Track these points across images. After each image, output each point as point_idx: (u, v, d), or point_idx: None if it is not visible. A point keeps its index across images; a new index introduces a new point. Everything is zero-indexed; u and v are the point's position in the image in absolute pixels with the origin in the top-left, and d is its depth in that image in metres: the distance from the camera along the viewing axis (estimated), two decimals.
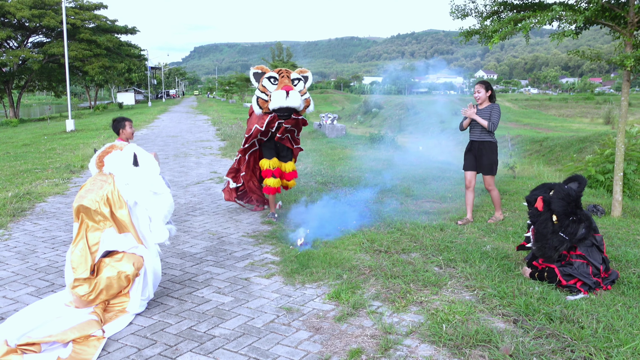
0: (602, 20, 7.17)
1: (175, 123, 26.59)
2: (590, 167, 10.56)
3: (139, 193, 4.08)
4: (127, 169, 4.11)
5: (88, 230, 3.99)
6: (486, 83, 6.61)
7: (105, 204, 3.98)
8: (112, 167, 4.15)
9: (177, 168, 11.16)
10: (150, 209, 4.11)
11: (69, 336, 3.50)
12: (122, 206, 4.02)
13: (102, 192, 4.02)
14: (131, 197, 4.07)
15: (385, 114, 46.33)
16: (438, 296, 4.20)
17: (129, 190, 4.07)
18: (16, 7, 39.12)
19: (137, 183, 4.09)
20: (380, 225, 6.31)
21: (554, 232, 4.45)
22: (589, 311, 3.88)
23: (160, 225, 4.13)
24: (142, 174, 4.12)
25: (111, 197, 4.02)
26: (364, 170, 10.56)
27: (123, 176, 4.09)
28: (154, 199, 4.13)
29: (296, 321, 3.81)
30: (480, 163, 6.54)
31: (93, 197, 4.00)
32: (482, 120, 6.36)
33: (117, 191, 4.04)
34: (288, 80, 6.32)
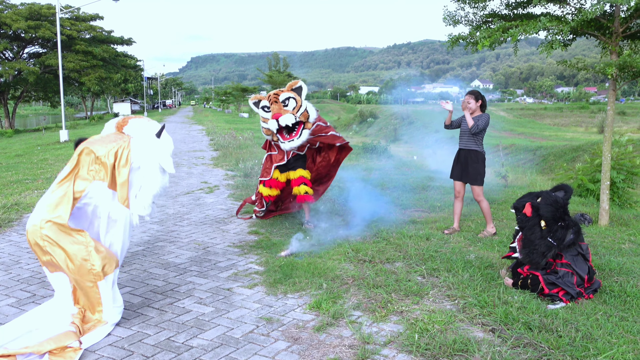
0: (588, 31, 7.24)
1: (169, 133, 26.19)
2: (581, 175, 10.61)
3: (148, 162, 4.08)
4: (149, 136, 4.13)
5: (77, 177, 3.91)
6: (476, 93, 6.61)
7: (112, 156, 3.95)
8: (135, 129, 4.15)
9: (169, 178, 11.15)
10: (147, 179, 4.10)
11: (45, 347, 3.48)
12: (126, 165, 3.98)
13: (113, 145, 4.00)
14: (137, 161, 4.04)
15: (381, 123, 46.49)
16: (419, 306, 4.20)
17: (140, 155, 4.06)
18: (12, 18, 39.30)
19: (152, 153, 4.10)
20: (366, 235, 6.31)
21: (542, 237, 4.46)
22: (569, 320, 3.89)
23: (147, 198, 4.11)
24: (159, 147, 4.15)
25: (120, 152, 3.98)
26: (353, 180, 10.56)
27: (142, 141, 4.09)
28: (157, 173, 4.13)
29: (275, 331, 3.80)
30: (467, 172, 6.52)
31: (103, 146, 3.97)
32: (469, 118, 6.31)
33: (129, 151, 4.01)
34: (278, 106, 6.51)
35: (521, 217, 4.67)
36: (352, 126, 49.06)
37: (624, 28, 6.89)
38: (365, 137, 35.69)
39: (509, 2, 7.72)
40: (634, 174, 10.04)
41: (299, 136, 6.52)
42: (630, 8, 6.80)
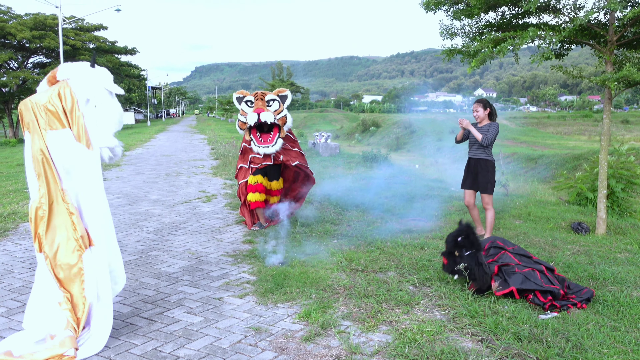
0: (582, 40, 7.24)
1: (171, 142, 26.69)
2: (580, 184, 10.57)
3: (95, 90, 3.88)
4: (84, 69, 3.94)
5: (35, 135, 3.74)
6: (484, 101, 6.63)
7: (56, 99, 3.76)
8: (67, 71, 3.94)
9: (167, 187, 11.17)
10: (101, 107, 3.89)
11: (42, 356, 3.50)
12: (73, 103, 3.80)
13: (52, 89, 3.82)
14: (83, 94, 3.85)
15: (383, 132, 46.53)
16: (409, 315, 4.17)
17: (84, 88, 3.86)
18: (17, 28, 39.51)
19: (94, 81, 3.90)
20: (360, 244, 6.29)
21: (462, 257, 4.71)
22: (560, 330, 3.86)
23: (108, 127, 3.92)
24: (98, 74, 3.96)
25: (62, 92, 3.79)
26: (352, 189, 10.56)
27: (79, 75, 3.90)
28: (107, 97, 3.94)
29: (263, 341, 3.78)
30: (477, 181, 6.56)
31: (43, 95, 3.79)
32: (477, 133, 6.37)
33: (70, 88, 3.82)
34: (262, 103, 6.96)
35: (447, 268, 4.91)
36: (354, 135, 49.08)
37: (618, 36, 6.89)
38: (367, 145, 35.73)
39: (504, 14, 7.74)
40: (633, 183, 10.01)
41: (274, 143, 6.97)
42: (624, 18, 6.80)
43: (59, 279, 3.79)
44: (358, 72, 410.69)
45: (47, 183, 3.73)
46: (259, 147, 6.96)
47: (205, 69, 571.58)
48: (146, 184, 11.75)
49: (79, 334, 3.73)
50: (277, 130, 7.06)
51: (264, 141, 6.98)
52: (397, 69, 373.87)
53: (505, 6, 7.47)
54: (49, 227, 3.78)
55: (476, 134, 6.41)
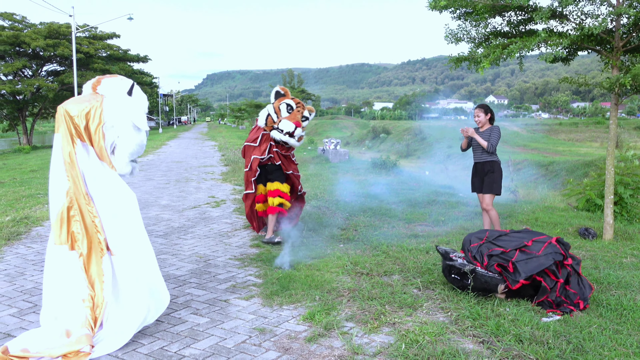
0: (588, 46, 7.27)
1: (182, 149, 26.92)
2: (589, 191, 10.55)
3: (121, 120, 4.07)
4: (120, 94, 4.14)
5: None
6: (485, 106, 6.78)
7: (83, 117, 3.97)
8: (107, 88, 4.17)
9: (177, 193, 11.30)
10: (121, 137, 4.09)
11: (58, 352, 3.61)
12: (100, 124, 4.00)
13: (86, 105, 4.02)
14: (110, 120, 4.04)
15: (394, 139, 46.54)
16: (412, 317, 4.22)
17: (113, 114, 4.06)
18: (31, 37, 40.13)
19: (124, 111, 4.09)
20: (366, 249, 6.35)
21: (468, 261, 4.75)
22: (561, 332, 3.89)
23: (123, 156, 4.10)
24: (131, 104, 4.14)
25: (93, 112, 4.01)
26: (360, 195, 10.62)
27: (113, 100, 4.11)
28: (130, 130, 4.11)
29: (267, 341, 3.85)
30: (483, 182, 6.66)
31: (76, 105, 4.01)
32: (481, 140, 6.49)
33: (101, 110, 4.03)
34: (300, 116, 6.89)
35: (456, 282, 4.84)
36: (364, 142, 49.13)
37: (624, 42, 6.92)
38: (377, 152, 35.76)
39: (510, 20, 7.79)
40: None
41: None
42: (629, 24, 6.83)
43: (90, 276, 3.96)
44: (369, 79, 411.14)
45: (75, 186, 3.95)
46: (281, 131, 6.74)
47: (216, 77, 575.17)
48: (156, 189, 11.89)
49: (95, 332, 3.84)
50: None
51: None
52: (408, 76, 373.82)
53: (512, 11, 7.52)
54: (85, 226, 3.96)
55: (481, 141, 6.52)
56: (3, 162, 25.24)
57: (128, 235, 4.03)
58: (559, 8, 7.24)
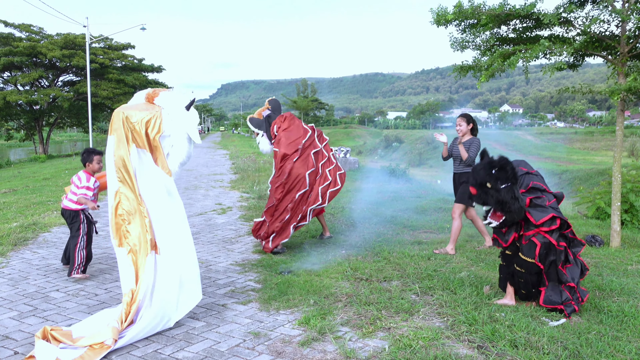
0: (593, 52, 7.23)
1: (194, 158, 27.07)
2: (599, 200, 10.43)
3: (178, 131, 4.32)
4: (179, 107, 4.37)
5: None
6: (467, 116, 6.74)
7: (143, 124, 4.20)
8: (166, 101, 4.40)
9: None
10: (176, 146, 4.33)
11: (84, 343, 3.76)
12: (159, 133, 4.25)
13: (146, 114, 4.25)
14: (168, 130, 4.28)
15: (406, 148, 46.46)
16: (407, 323, 4.20)
17: (171, 125, 4.30)
18: (48, 47, 40.75)
19: (181, 123, 4.33)
20: (367, 255, 6.34)
21: (498, 190, 4.45)
22: (558, 338, 3.84)
23: (175, 164, 4.35)
24: (188, 118, 4.39)
25: (153, 122, 4.24)
26: (367, 202, 10.60)
27: (173, 112, 4.33)
28: (184, 142, 4.36)
29: (261, 345, 3.85)
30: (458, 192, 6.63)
31: (136, 113, 4.23)
32: (463, 150, 6.46)
33: (161, 120, 4.27)
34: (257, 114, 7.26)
35: (476, 199, 4.68)
36: (377, 151, 49.08)
37: (630, 48, 6.86)
38: (390, 161, 35.70)
39: (515, 27, 7.77)
40: None
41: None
42: (635, 29, 6.79)
43: (137, 272, 4.15)
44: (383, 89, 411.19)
45: (130, 187, 4.18)
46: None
47: (231, 87, 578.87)
48: None
49: (124, 327, 3.96)
50: None
51: None
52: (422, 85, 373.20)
53: (517, 19, 7.49)
54: (136, 225, 4.16)
55: (463, 152, 6.47)
56: (18, 170, 25.59)
57: (175, 236, 4.23)
58: (564, 14, 7.22)
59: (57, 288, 5.26)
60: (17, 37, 42.33)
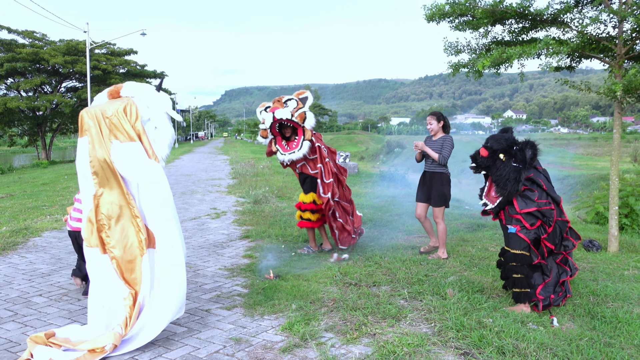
0: (590, 53, 7.12)
1: (194, 163, 27.04)
2: (598, 204, 10.30)
3: (157, 113, 4.16)
4: (149, 91, 4.22)
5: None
6: (438, 114, 6.60)
7: (122, 115, 4.00)
8: (133, 90, 4.22)
9: (180, 205, 11.28)
10: (160, 129, 4.16)
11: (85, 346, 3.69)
12: (137, 119, 4.04)
13: (119, 103, 4.05)
14: (146, 114, 4.11)
15: (408, 153, 46.23)
16: (393, 328, 4.08)
17: (148, 108, 4.13)
18: (50, 54, 40.86)
19: (158, 104, 4.17)
20: (358, 259, 6.22)
21: (507, 166, 4.49)
22: (548, 345, 3.72)
23: (164, 148, 4.16)
24: (162, 97, 4.24)
25: (129, 109, 4.03)
26: (364, 207, 10.49)
27: (144, 97, 4.16)
28: (167, 121, 4.20)
29: (241, 352, 3.74)
30: (432, 194, 6.45)
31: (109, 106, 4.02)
32: (432, 152, 6.30)
33: (136, 107, 4.07)
34: (279, 104, 6.44)
35: (481, 160, 4.69)
36: (379, 156, 48.93)
37: (627, 49, 6.76)
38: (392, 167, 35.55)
39: (511, 29, 7.68)
40: None
41: (300, 148, 6.31)
42: (632, 30, 6.69)
43: (125, 278, 3.97)
44: (386, 95, 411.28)
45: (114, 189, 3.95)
46: (285, 155, 6.38)
47: (235, 93, 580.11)
48: None
49: (127, 331, 3.83)
50: (302, 133, 6.39)
51: (289, 148, 6.41)
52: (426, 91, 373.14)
53: (513, 19, 7.40)
54: (120, 229, 3.96)
55: (432, 154, 6.30)
56: (19, 175, 25.57)
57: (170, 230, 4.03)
58: (560, 15, 7.12)
59: (41, 293, 5.17)
60: (20, 44, 42.48)
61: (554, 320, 4.26)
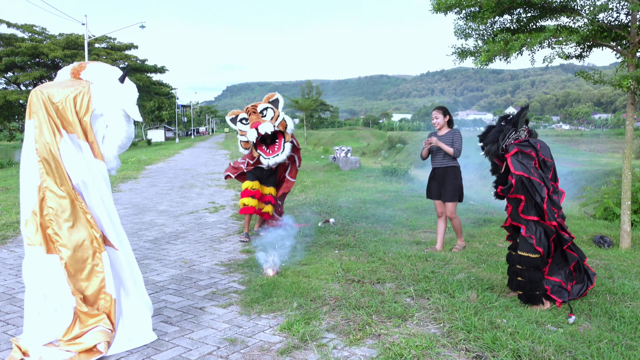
0: (602, 42, 6.84)
1: (194, 157, 26.78)
2: (607, 199, 10.03)
3: (112, 108, 3.68)
4: (111, 81, 3.73)
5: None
6: (443, 108, 6.45)
7: (69, 105, 3.54)
8: (95, 74, 3.75)
9: (177, 198, 11.02)
10: (112, 127, 3.69)
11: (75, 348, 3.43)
12: (87, 113, 3.59)
13: (71, 90, 3.59)
14: (100, 108, 3.64)
15: (410, 149, 46.03)
16: (400, 329, 3.81)
17: (103, 102, 3.65)
18: (50, 47, 40.59)
19: (115, 98, 3.69)
20: (361, 255, 5.95)
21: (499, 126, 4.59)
22: (566, 348, 3.45)
23: (112, 149, 3.72)
24: (123, 92, 3.74)
25: (80, 100, 3.57)
26: (365, 201, 10.23)
27: (103, 86, 3.69)
28: (121, 120, 3.72)
29: (236, 354, 3.47)
30: (445, 190, 6.26)
31: (59, 91, 3.56)
32: (447, 147, 6.12)
33: (89, 97, 3.61)
34: (256, 116, 6.69)
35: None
36: (380, 152, 48.68)
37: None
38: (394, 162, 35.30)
39: (519, 17, 7.40)
40: None
41: (282, 150, 6.67)
42: None
43: (73, 281, 3.56)
44: (388, 91, 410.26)
45: (59, 180, 3.51)
46: (269, 159, 6.68)
47: (236, 88, 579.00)
48: (158, 195, 11.62)
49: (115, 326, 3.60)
50: (282, 136, 6.78)
51: (272, 152, 6.72)
52: (427, 88, 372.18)
53: (520, 8, 7.13)
54: (70, 226, 3.53)
55: (447, 149, 6.14)
56: (17, 170, 25.31)
57: (120, 229, 3.71)
58: (570, 2, 6.84)
59: None
60: (20, 38, 42.19)
61: (571, 318, 4.00)
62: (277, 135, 6.78)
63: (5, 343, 3.65)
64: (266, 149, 6.76)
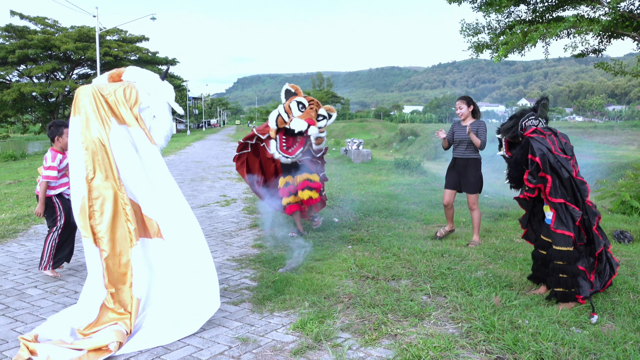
0: (623, 31, 6.65)
1: (205, 150, 26.76)
2: (624, 192, 9.83)
3: (158, 102, 3.96)
4: (153, 78, 4.02)
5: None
6: (467, 98, 6.27)
7: (120, 95, 3.77)
8: (136, 75, 4.01)
9: (188, 191, 10.95)
10: (159, 118, 3.95)
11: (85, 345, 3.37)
12: (136, 104, 3.83)
13: (119, 84, 3.85)
14: (146, 102, 3.89)
15: (422, 141, 45.68)
16: (416, 328, 3.70)
17: (149, 96, 3.93)
18: (62, 40, 40.68)
19: (160, 93, 3.97)
20: (375, 250, 5.83)
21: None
22: (590, 350, 3.32)
23: (161, 139, 3.97)
24: (166, 87, 4.04)
25: (129, 92, 3.82)
26: (378, 195, 10.10)
27: (148, 83, 3.97)
28: (167, 111, 4.00)
29: (248, 354, 3.37)
30: (466, 181, 6.16)
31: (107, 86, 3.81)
32: (476, 138, 5.98)
33: (137, 91, 3.87)
34: (314, 114, 6.29)
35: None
36: (392, 144, 48.42)
37: None
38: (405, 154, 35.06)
39: (535, 8, 7.22)
40: None
41: (294, 156, 6.27)
42: None
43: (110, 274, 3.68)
44: (399, 83, 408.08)
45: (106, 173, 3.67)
46: (280, 154, 6.26)
47: (247, 81, 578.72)
48: None
49: (132, 328, 3.57)
50: (304, 142, 6.33)
51: (287, 147, 6.28)
52: (439, 79, 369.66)
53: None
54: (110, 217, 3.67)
55: (477, 140, 6.00)
56: (30, 162, 25.42)
57: (179, 220, 3.75)
58: None
59: (36, 284, 4.84)
60: (32, 30, 42.32)
61: (594, 317, 3.86)
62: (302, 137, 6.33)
63: (13, 341, 3.58)
64: (285, 139, 6.32)
